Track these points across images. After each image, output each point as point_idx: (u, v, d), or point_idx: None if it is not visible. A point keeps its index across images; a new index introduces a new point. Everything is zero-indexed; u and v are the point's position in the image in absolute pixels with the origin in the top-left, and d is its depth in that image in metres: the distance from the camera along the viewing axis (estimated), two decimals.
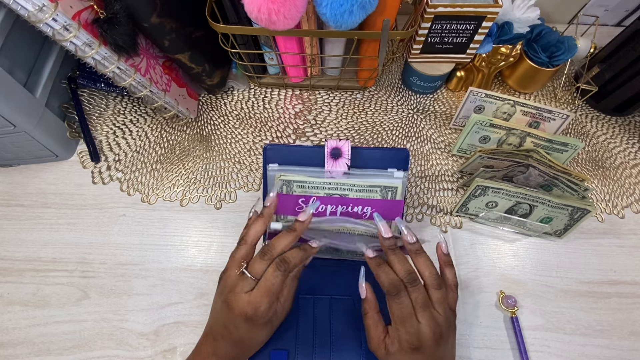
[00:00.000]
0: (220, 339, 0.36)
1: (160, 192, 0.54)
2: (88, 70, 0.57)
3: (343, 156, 0.43)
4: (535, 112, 0.52)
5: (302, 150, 0.44)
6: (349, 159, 0.43)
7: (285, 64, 0.58)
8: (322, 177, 0.43)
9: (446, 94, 0.65)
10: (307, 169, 0.43)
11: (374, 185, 0.43)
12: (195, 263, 0.49)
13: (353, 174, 0.43)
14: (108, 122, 0.59)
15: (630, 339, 0.45)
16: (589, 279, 0.49)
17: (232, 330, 0.36)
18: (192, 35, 0.52)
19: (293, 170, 0.43)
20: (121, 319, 0.46)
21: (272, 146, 0.44)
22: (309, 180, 0.43)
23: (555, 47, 0.58)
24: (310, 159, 0.44)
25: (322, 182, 0.43)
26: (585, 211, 0.46)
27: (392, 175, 0.43)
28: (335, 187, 0.43)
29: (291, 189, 0.43)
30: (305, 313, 0.43)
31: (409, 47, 0.59)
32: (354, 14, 0.44)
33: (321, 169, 0.43)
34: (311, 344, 0.41)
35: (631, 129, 0.62)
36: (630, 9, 0.68)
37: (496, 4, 0.50)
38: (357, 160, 0.43)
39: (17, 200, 0.53)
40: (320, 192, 0.43)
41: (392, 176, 0.43)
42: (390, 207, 0.43)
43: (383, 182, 0.43)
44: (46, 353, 0.44)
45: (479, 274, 0.49)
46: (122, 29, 0.43)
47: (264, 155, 0.44)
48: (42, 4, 0.37)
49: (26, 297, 0.47)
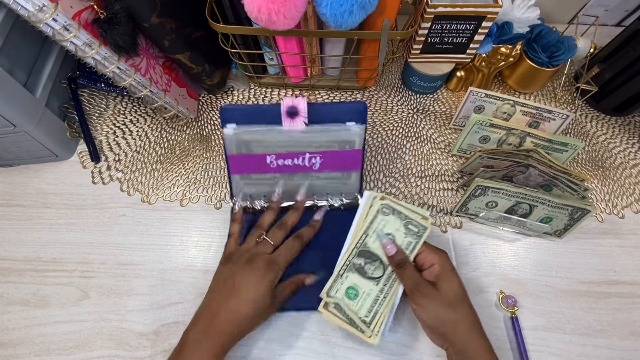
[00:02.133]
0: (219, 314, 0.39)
1: (160, 192, 0.54)
2: (88, 70, 0.57)
3: (300, 114, 0.43)
4: (535, 112, 0.52)
5: (260, 110, 0.44)
6: (306, 117, 0.43)
7: (285, 64, 0.58)
8: (280, 136, 0.44)
9: (446, 94, 0.65)
10: (265, 127, 0.44)
11: (332, 140, 0.45)
12: (195, 263, 0.49)
13: (311, 130, 0.44)
14: (108, 122, 0.59)
15: (630, 339, 0.45)
16: (589, 279, 0.49)
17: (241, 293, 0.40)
18: (192, 35, 0.52)
19: (251, 130, 0.44)
20: (121, 319, 0.46)
21: (230, 106, 0.44)
22: (268, 140, 0.45)
23: (555, 47, 0.58)
24: (268, 118, 0.44)
25: (281, 141, 0.44)
26: (585, 211, 0.46)
27: (349, 129, 0.44)
28: (294, 144, 0.45)
29: (251, 148, 0.45)
30: None
31: (409, 47, 0.59)
32: (354, 14, 0.44)
33: (280, 127, 0.44)
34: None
35: (631, 129, 0.62)
36: (630, 9, 0.68)
37: (496, 4, 0.50)
38: (315, 115, 0.43)
39: (17, 200, 0.53)
40: (281, 149, 0.45)
41: (349, 130, 0.44)
42: (348, 157, 0.46)
43: (341, 136, 0.44)
44: (46, 353, 0.44)
45: (479, 274, 0.49)
46: (122, 29, 0.43)
47: (222, 117, 0.44)
48: (42, 4, 0.37)
49: (26, 297, 0.47)
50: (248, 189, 0.49)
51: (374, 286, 0.41)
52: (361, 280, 0.41)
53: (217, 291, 0.41)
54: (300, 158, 0.46)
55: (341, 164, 0.46)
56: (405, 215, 0.42)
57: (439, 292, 0.38)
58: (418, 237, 0.42)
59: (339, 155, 0.46)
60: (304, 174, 0.48)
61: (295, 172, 0.48)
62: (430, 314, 0.38)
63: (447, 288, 0.39)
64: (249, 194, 0.49)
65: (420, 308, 0.38)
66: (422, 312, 0.38)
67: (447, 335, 0.38)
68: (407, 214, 0.42)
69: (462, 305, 0.38)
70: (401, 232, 0.42)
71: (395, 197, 0.54)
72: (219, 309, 0.39)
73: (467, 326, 0.38)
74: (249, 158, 0.46)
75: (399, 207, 0.42)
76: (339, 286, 0.41)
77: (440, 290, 0.38)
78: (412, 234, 0.42)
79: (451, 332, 0.37)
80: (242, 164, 0.46)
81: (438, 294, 0.38)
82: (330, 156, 0.46)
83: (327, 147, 0.45)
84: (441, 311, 0.38)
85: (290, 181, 0.48)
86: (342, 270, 0.42)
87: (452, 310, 0.38)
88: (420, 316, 0.39)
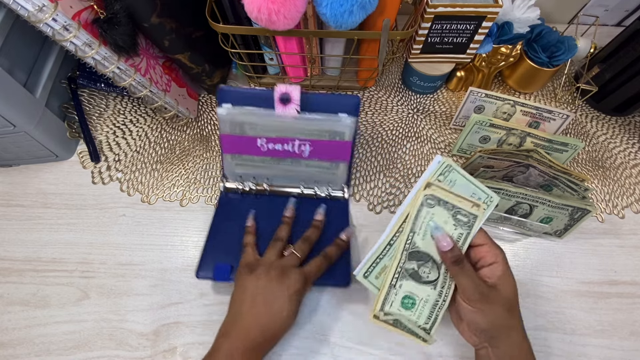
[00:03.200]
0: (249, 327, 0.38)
1: (160, 192, 0.54)
2: (88, 70, 0.57)
3: (292, 102, 0.43)
4: (535, 112, 0.52)
5: (255, 93, 0.45)
6: (299, 105, 0.44)
7: (285, 64, 0.58)
8: (272, 121, 0.45)
9: (446, 94, 0.65)
10: (258, 110, 0.45)
11: (323, 130, 0.45)
12: (195, 263, 0.49)
13: (303, 118, 0.45)
14: (108, 122, 0.59)
15: (630, 339, 0.45)
16: (589, 279, 0.49)
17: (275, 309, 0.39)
18: (192, 35, 0.52)
19: (244, 111, 0.45)
20: (121, 319, 0.46)
21: (227, 88, 0.45)
22: (260, 123, 0.46)
23: (555, 47, 0.58)
24: (263, 102, 0.45)
25: (272, 125, 0.46)
26: (585, 211, 0.46)
27: (341, 120, 0.45)
28: (285, 130, 0.46)
29: (244, 130, 0.46)
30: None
31: (409, 47, 0.59)
32: (354, 14, 0.44)
33: (273, 111, 0.45)
34: None
35: (631, 129, 0.62)
36: (630, 9, 0.68)
37: (496, 4, 0.50)
38: (308, 105, 0.44)
39: (17, 200, 0.53)
40: (272, 134, 0.46)
41: (340, 121, 0.45)
42: (337, 148, 0.47)
43: (332, 127, 0.45)
44: (46, 353, 0.44)
45: None
46: (122, 29, 0.43)
47: (218, 96, 0.45)
48: (42, 4, 0.37)
49: (26, 297, 0.47)
50: (239, 169, 0.50)
51: (432, 291, 0.37)
52: (417, 286, 0.37)
53: (248, 304, 0.39)
54: (290, 144, 0.47)
55: (330, 154, 0.48)
56: (452, 205, 0.36)
57: (500, 294, 0.34)
58: (469, 227, 0.36)
59: (328, 145, 0.47)
60: (293, 160, 0.49)
61: (284, 158, 0.49)
62: (489, 319, 0.34)
63: (508, 291, 0.35)
64: (239, 174, 0.51)
65: (479, 311, 0.34)
66: (480, 316, 0.34)
67: (497, 339, 0.35)
68: (455, 204, 0.36)
69: (517, 310, 0.36)
70: (450, 224, 0.36)
71: (396, 197, 0.54)
72: (252, 325, 0.38)
73: (521, 333, 0.35)
74: (241, 139, 0.47)
75: (445, 196, 0.37)
76: (394, 297, 0.37)
77: (500, 292, 0.34)
78: (462, 225, 0.36)
79: (504, 337, 0.35)
80: (234, 144, 0.48)
81: (499, 297, 0.34)
82: (319, 145, 0.47)
83: (318, 136, 0.46)
84: (501, 315, 0.34)
85: (279, 166, 0.49)
86: (394, 280, 0.37)
87: (511, 315, 0.35)
88: (475, 319, 0.35)
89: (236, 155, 0.49)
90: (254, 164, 0.50)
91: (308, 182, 0.51)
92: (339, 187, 0.52)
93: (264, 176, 0.51)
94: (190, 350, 0.44)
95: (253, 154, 0.49)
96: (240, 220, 0.49)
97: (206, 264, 0.47)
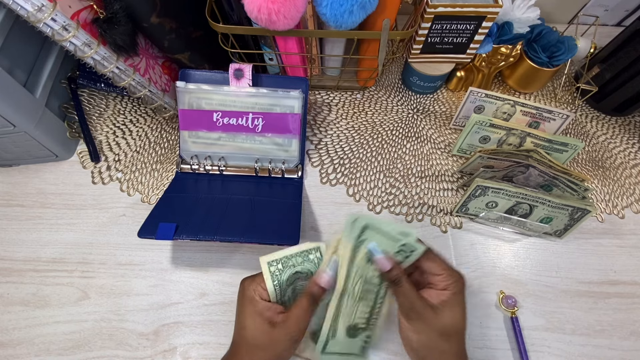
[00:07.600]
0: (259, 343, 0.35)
1: (160, 192, 0.54)
2: (88, 70, 0.57)
3: (245, 77, 0.49)
4: (535, 112, 0.52)
5: (215, 75, 0.51)
6: (251, 80, 0.49)
7: (285, 64, 0.58)
8: (226, 95, 0.50)
9: (446, 94, 0.65)
10: (213, 85, 0.50)
11: (274, 104, 0.50)
12: (195, 263, 0.49)
13: (255, 93, 0.50)
14: (108, 122, 0.59)
15: (630, 339, 0.45)
16: (589, 279, 0.49)
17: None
18: (192, 36, 0.52)
19: (200, 86, 0.50)
20: (121, 319, 0.46)
21: (190, 70, 0.51)
22: (215, 98, 0.50)
23: (555, 47, 0.58)
24: (219, 80, 0.51)
25: (227, 99, 0.50)
26: (585, 211, 0.46)
27: (290, 94, 0.50)
28: (239, 105, 0.50)
29: (200, 105, 0.50)
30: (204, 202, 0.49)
31: (409, 47, 0.59)
32: (354, 14, 0.44)
33: (228, 87, 0.50)
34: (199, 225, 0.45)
35: (631, 129, 0.62)
36: (630, 9, 0.68)
37: (496, 4, 0.50)
38: (262, 84, 0.51)
39: (17, 200, 0.53)
40: (227, 108, 0.50)
41: (289, 95, 0.50)
42: (287, 121, 0.51)
43: (281, 101, 0.50)
44: (46, 353, 0.44)
45: (479, 274, 0.49)
46: (122, 28, 0.43)
47: (180, 77, 0.50)
48: (41, 3, 0.37)
49: (26, 297, 0.47)
50: (194, 147, 0.52)
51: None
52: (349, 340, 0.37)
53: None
54: (243, 118, 0.50)
55: (282, 127, 0.51)
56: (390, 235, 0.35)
57: (437, 317, 0.34)
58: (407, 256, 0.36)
59: (279, 118, 0.50)
60: (248, 135, 0.51)
61: (239, 133, 0.51)
62: (421, 338, 0.35)
63: (449, 316, 0.35)
64: (195, 152, 0.52)
65: (412, 329, 0.35)
66: (412, 333, 0.35)
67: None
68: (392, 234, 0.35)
69: (456, 339, 0.35)
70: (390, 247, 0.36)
71: (396, 197, 0.54)
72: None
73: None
74: (198, 113, 0.50)
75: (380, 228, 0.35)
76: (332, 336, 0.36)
77: (439, 315, 0.34)
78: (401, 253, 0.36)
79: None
80: (191, 120, 0.50)
81: (436, 319, 0.34)
82: (271, 118, 0.50)
83: (269, 110, 0.50)
84: (433, 338, 0.34)
85: (234, 143, 0.52)
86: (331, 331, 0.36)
87: (445, 340, 0.35)
88: (408, 336, 0.35)
89: (193, 133, 0.51)
90: (210, 142, 0.52)
91: (263, 161, 0.53)
92: (294, 166, 0.53)
93: (219, 155, 0.52)
94: (190, 350, 0.44)
95: (209, 129, 0.51)
96: (192, 193, 0.50)
97: (151, 225, 0.44)
